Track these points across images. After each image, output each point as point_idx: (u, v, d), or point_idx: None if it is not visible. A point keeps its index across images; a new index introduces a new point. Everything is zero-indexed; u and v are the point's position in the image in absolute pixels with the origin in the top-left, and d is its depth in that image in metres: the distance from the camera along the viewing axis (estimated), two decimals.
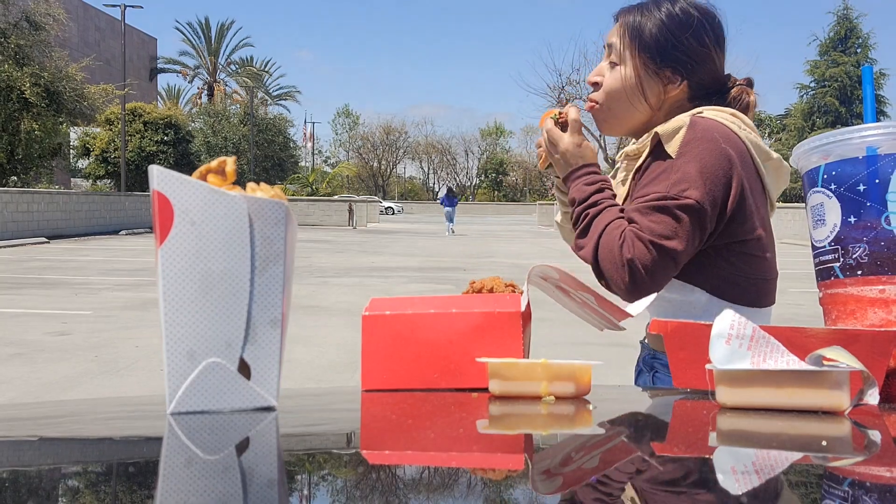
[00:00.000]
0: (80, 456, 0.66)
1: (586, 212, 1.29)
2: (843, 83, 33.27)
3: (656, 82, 1.35)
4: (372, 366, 0.87)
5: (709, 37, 1.35)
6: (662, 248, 1.19)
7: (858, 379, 0.75)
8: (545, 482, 0.56)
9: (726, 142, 1.24)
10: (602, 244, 1.23)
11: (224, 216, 0.69)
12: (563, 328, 5.61)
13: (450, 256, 16.19)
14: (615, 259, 1.21)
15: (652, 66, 1.35)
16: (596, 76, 1.41)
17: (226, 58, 56.71)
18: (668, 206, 1.20)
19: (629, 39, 1.36)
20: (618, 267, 1.20)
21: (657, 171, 1.25)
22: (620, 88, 1.37)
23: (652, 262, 1.19)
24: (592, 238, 1.26)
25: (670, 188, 1.21)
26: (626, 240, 1.21)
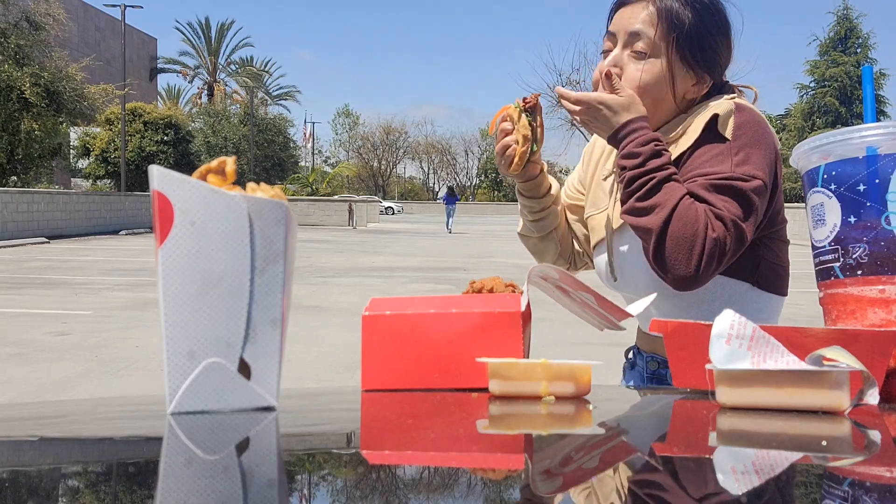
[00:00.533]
0: (80, 456, 0.66)
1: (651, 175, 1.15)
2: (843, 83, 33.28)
3: (688, 79, 1.27)
4: (372, 366, 0.87)
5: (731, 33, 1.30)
6: (740, 229, 1.13)
7: (858, 379, 0.75)
8: (545, 482, 0.56)
9: (767, 128, 1.22)
10: (678, 216, 1.11)
11: (224, 216, 0.69)
12: (563, 328, 5.60)
13: (450, 256, 16.19)
14: (694, 235, 1.10)
15: (690, 63, 1.25)
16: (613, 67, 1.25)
17: (226, 58, 56.74)
18: (737, 186, 1.14)
19: (666, 30, 1.23)
20: (695, 244, 1.10)
21: (714, 152, 1.18)
22: (652, 82, 1.24)
23: (731, 244, 1.12)
24: (664, 207, 1.13)
25: (734, 169, 1.15)
26: (708, 217, 1.12)
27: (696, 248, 1.11)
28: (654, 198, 1.15)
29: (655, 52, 1.24)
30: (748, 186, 1.14)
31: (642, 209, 1.15)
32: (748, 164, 1.16)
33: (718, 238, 1.11)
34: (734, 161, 1.16)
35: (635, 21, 1.24)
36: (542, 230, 1.44)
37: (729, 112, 1.21)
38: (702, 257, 1.11)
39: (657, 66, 1.24)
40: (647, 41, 1.23)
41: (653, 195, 1.15)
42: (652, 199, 1.15)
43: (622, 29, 1.26)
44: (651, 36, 1.23)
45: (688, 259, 1.12)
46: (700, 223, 1.11)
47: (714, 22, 1.26)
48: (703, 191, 1.15)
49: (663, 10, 1.23)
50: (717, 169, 1.16)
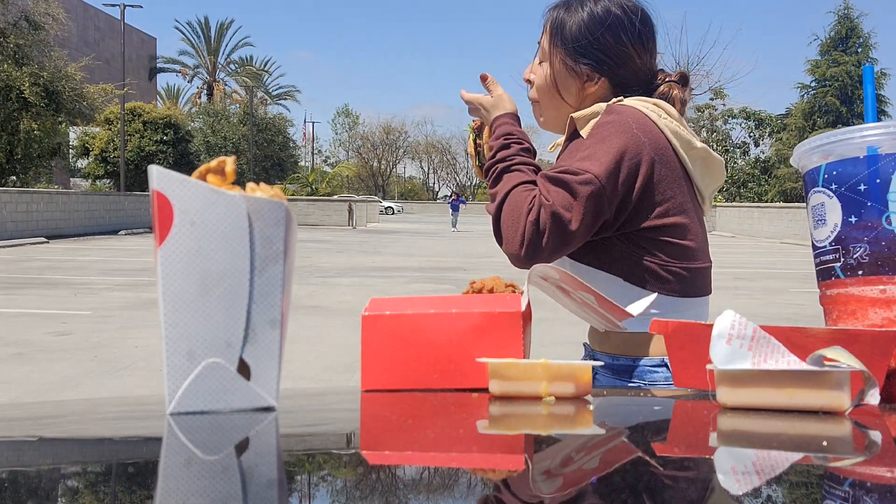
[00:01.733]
0: (80, 456, 0.66)
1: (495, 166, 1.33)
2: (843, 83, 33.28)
3: (575, 79, 1.40)
4: (372, 366, 0.87)
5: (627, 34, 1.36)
6: (559, 217, 1.21)
7: (859, 379, 0.75)
8: (545, 482, 0.56)
9: (639, 127, 1.26)
10: (508, 201, 1.27)
11: (224, 216, 0.69)
12: (563, 328, 5.60)
13: (450, 256, 16.19)
14: (517, 219, 1.24)
15: (570, 63, 1.39)
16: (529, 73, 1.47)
17: (225, 57, 56.75)
18: (568, 179, 1.22)
19: (550, 36, 1.41)
20: (518, 226, 1.23)
21: (569, 150, 1.31)
22: (545, 85, 1.43)
23: (550, 229, 1.21)
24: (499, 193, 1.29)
25: (573, 163, 1.25)
26: (532, 203, 1.24)
27: (518, 230, 1.24)
28: (497, 186, 1.31)
29: (546, 57, 1.43)
30: (576, 179, 1.22)
31: (491, 196, 1.32)
32: (587, 160, 1.24)
33: (537, 221, 1.22)
34: (577, 157, 1.26)
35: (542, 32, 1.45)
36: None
37: (593, 114, 1.32)
38: (523, 238, 1.23)
39: (547, 70, 1.43)
40: (541, 49, 1.44)
41: (497, 184, 1.31)
42: (496, 187, 1.31)
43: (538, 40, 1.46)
44: (543, 44, 1.43)
45: (512, 239, 1.25)
46: (523, 208, 1.24)
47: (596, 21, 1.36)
48: (541, 180, 1.27)
49: (549, 21, 1.42)
50: (560, 163, 1.28)
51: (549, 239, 1.21)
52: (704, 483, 0.56)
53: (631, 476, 0.58)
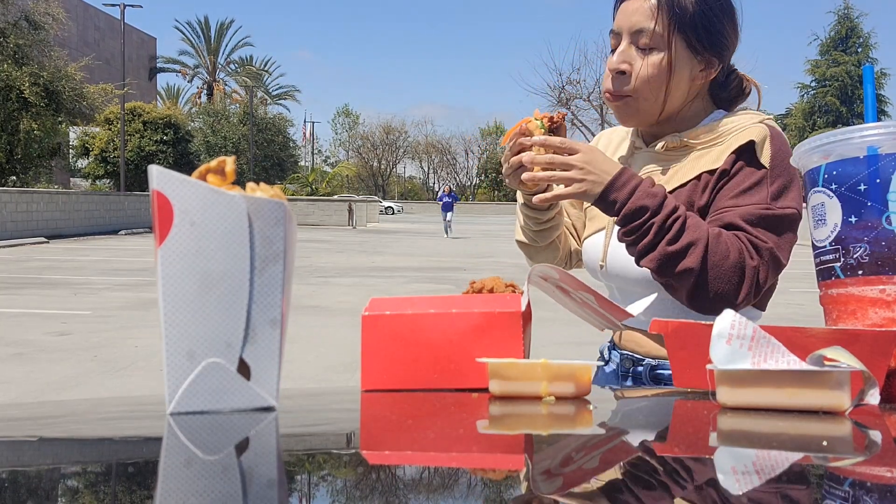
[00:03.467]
0: (80, 456, 0.66)
1: (674, 217, 1.14)
2: (843, 83, 33.29)
3: (697, 66, 1.26)
4: (372, 366, 0.87)
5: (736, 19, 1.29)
6: (777, 259, 1.16)
7: (859, 379, 0.75)
8: (545, 482, 0.56)
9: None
10: (713, 250, 1.12)
11: (224, 216, 0.69)
12: (563, 328, 5.60)
13: (450, 256, 16.19)
14: (733, 266, 1.12)
15: (697, 49, 1.24)
16: (622, 64, 1.25)
17: (225, 57, 56.76)
18: (775, 216, 1.17)
19: (669, 20, 1.22)
20: (735, 274, 1.12)
21: (751, 181, 1.19)
22: (654, 75, 1.23)
23: (768, 271, 1.15)
24: (698, 244, 1.12)
25: (771, 200, 1.18)
26: (745, 247, 1.14)
27: (736, 279, 1.12)
28: (684, 237, 1.13)
29: (659, 44, 1.23)
30: (785, 217, 1.17)
31: (676, 252, 1.13)
32: (785, 196, 1.18)
33: (757, 267, 1.13)
34: (771, 192, 1.18)
35: (637, 17, 1.24)
36: (545, 240, 1.40)
37: (764, 138, 1.21)
38: (742, 287, 1.13)
39: (665, 59, 1.23)
40: (649, 34, 1.23)
41: (682, 234, 1.13)
42: (683, 238, 1.13)
43: (625, 26, 1.25)
44: (652, 28, 1.22)
45: (733, 291, 1.12)
46: (735, 253, 1.12)
47: (717, 5, 1.25)
48: (741, 221, 1.16)
49: (663, 2, 1.22)
50: (754, 199, 1.18)
51: (767, 280, 1.16)
52: (704, 483, 0.56)
53: (631, 476, 0.58)
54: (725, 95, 1.31)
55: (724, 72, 1.29)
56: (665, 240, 1.13)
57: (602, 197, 1.15)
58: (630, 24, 1.24)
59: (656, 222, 1.13)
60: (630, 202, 1.14)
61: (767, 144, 1.21)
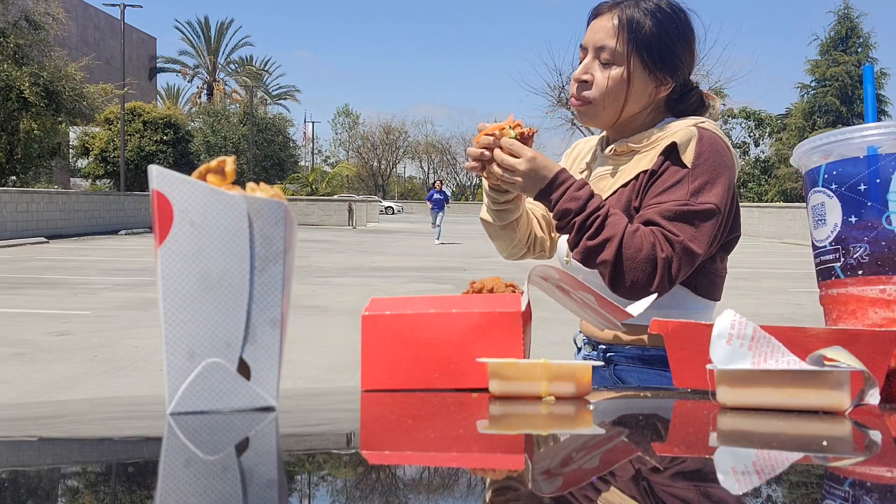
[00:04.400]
0: (80, 456, 0.66)
1: (594, 215, 1.27)
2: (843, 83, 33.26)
3: (651, 82, 1.39)
4: (372, 366, 0.87)
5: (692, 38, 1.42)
6: (690, 251, 1.25)
7: (859, 379, 0.75)
8: (545, 482, 0.56)
9: (726, 154, 1.34)
10: (627, 244, 1.24)
11: (223, 216, 0.69)
12: (563, 328, 5.61)
13: (450, 256, 16.20)
14: (645, 258, 1.22)
15: (650, 67, 1.37)
16: (585, 74, 1.41)
17: (225, 57, 56.76)
18: (692, 211, 1.27)
19: (627, 40, 1.36)
20: (647, 266, 1.22)
21: (674, 179, 1.30)
22: (613, 87, 1.37)
23: (680, 263, 1.24)
24: (613, 239, 1.24)
25: (690, 196, 1.28)
26: (657, 240, 1.24)
27: (649, 269, 1.23)
28: (602, 233, 1.26)
29: (618, 60, 1.37)
30: (699, 210, 1.27)
31: (594, 246, 1.26)
32: (705, 193, 1.29)
33: (668, 258, 1.23)
34: (691, 189, 1.29)
35: (601, 35, 1.38)
36: (503, 220, 1.52)
37: (689, 139, 1.32)
38: (655, 276, 1.23)
39: (621, 73, 1.37)
40: (609, 51, 1.37)
41: (601, 231, 1.26)
42: (601, 235, 1.26)
43: (591, 42, 1.40)
44: (613, 46, 1.36)
45: (646, 280, 1.23)
46: (646, 246, 1.23)
47: (674, 29, 1.38)
48: (658, 217, 1.27)
49: (624, 21, 1.36)
50: (673, 196, 1.29)
51: (679, 270, 1.25)
52: (704, 483, 0.56)
53: (631, 476, 0.58)
54: (684, 108, 1.44)
55: (679, 88, 1.42)
56: (586, 235, 1.27)
57: (539, 196, 1.32)
58: (595, 40, 1.39)
59: (577, 221, 1.28)
60: (559, 204, 1.30)
61: (692, 145, 1.31)
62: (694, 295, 1.39)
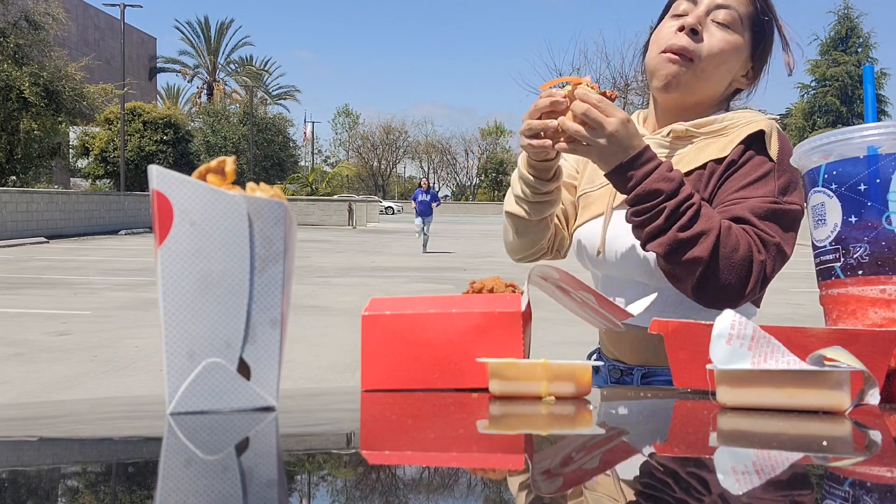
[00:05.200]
0: (80, 456, 0.66)
1: (688, 203, 1.10)
2: (843, 83, 33.27)
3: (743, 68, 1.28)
4: (372, 366, 0.87)
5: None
6: (784, 254, 1.16)
7: (859, 379, 0.75)
8: (545, 482, 0.56)
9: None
10: (723, 241, 1.10)
11: (223, 216, 0.69)
12: (563, 328, 5.60)
13: (450, 256, 16.19)
14: (742, 259, 1.10)
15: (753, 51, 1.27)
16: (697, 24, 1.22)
17: (225, 57, 56.78)
18: (783, 210, 1.16)
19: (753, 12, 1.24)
20: (743, 268, 1.10)
21: (759, 172, 1.19)
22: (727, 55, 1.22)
23: (775, 266, 1.14)
24: (710, 234, 1.09)
25: (778, 194, 1.17)
26: (753, 241, 1.12)
27: (744, 273, 1.11)
28: (696, 225, 1.10)
29: (737, 28, 1.23)
30: (790, 212, 1.17)
31: (686, 239, 1.10)
32: (791, 192, 1.18)
33: (765, 261, 1.12)
34: (778, 185, 1.18)
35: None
36: (539, 213, 1.31)
37: (773, 130, 1.21)
38: (749, 281, 1.11)
39: (738, 42, 1.23)
40: (733, 15, 1.23)
41: (695, 223, 1.10)
42: (695, 226, 1.10)
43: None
44: (741, 12, 1.23)
45: (740, 284, 1.11)
46: (744, 246, 1.11)
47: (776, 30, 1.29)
48: (749, 214, 1.15)
49: None
50: (761, 192, 1.17)
51: (772, 274, 1.15)
52: (704, 483, 0.56)
53: (631, 476, 0.58)
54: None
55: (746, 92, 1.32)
56: (677, 225, 1.10)
57: (617, 170, 1.12)
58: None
59: (669, 206, 1.10)
60: (646, 182, 1.10)
61: (776, 137, 1.21)
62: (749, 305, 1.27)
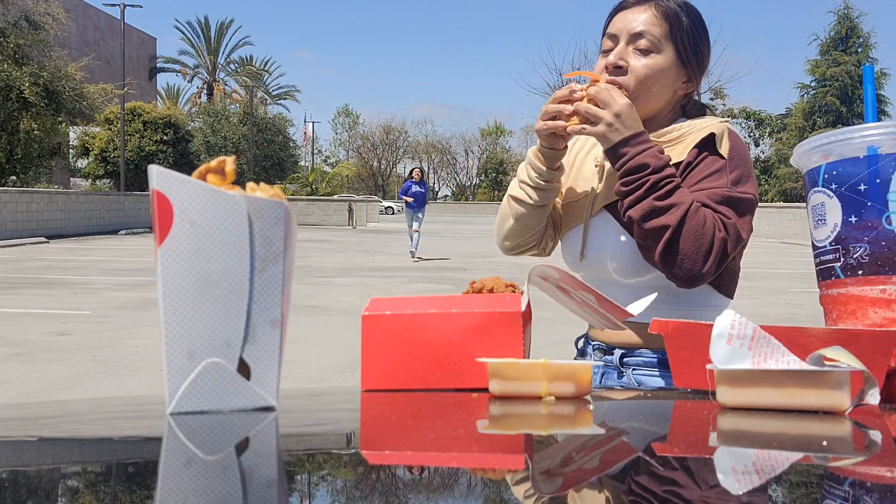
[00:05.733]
0: (80, 456, 0.66)
1: (669, 179, 1.25)
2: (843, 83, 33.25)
3: (680, 77, 1.38)
4: (372, 366, 0.87)
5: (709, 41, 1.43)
6: (740, 236, 1.27)
7: (859, 379, 0.75)
8: (545, 482, 0.56)
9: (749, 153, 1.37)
10: (692, 215, 1.22)
11: (223, 216, 0.69)
12: (563, 328, 5.61)
13: (450, 256, 16.19)
14: (706, 234, 1.22)
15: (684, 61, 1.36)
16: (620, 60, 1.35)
17: (225, 57, 56.77)
18: (737, 198, 1.28)
19: (669, 29, 1.34)
20: (706, 242, 1.22)
21: (712, 168, 1.31)
22: (654, 77, 1.34)
23: (732, 246, 1.25)
24: (680, 206, 1.23)
25: (731, 185, 1.29)
26: (716, 221, 1.24)
27: (706, 246, 1.22)
28: (671, 198, 1.24)
29: (658, 48, 1.34)
30: (745, 199, 1.29)
31: (660, 208, 1.24)
32: (742, 183, 1.31)
33: (725, 239, 1.23)
34: (730, 178, 1.30)
35: (637, 23, 1.35)
36: (542, 199, 1.44)
37: (723, 132, 1.34)
38: (710, 255, 1.22)
39: (660, 62, 1.34)
40: (650, 39, 1.34)
41: (671, 196, 1.24)
42: (670, 199, 1.24)
43: (625, 29, 1.36)
44: (655, 34, 1.34)
45: (702, 256, 1.22)
46: (710, 224, 1.23)
47: (702, 28, 1.39)
48: (707, 200, 1.27)
49: (667, 12, 1.35)
50: (716, 184, 1.30)
51: (730, 254, 1.25)
52: (704, 483, 0.56)
53: (631, 476, 0.58)
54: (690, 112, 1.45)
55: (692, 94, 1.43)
56: (654, 195, 1.25)
57: (617, 145, 1.28)
58: (630, 27, 1.35)
59: (651, 179, 1.25)
60: (637, 157, 1.26)
61: (726, 137, 1.33)
62: (716, 292, 1.38)
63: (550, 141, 1.37)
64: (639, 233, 1.28)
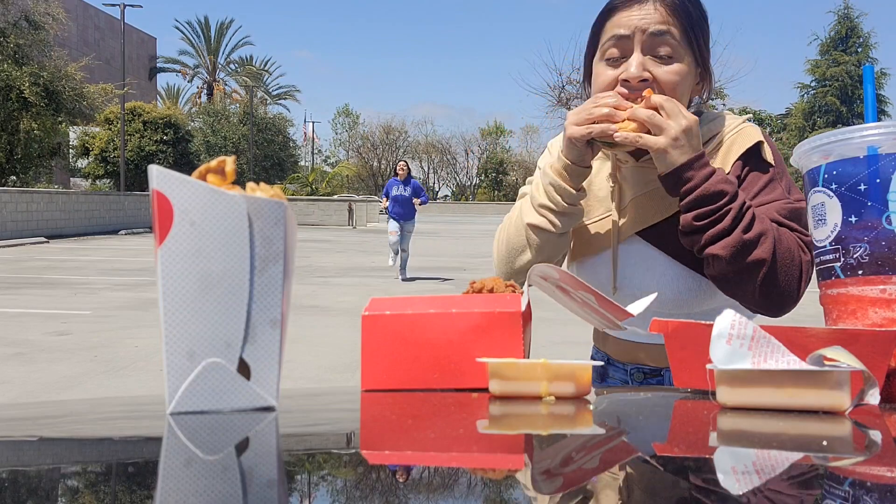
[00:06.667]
0: (80, 456, 0.66)
1: (748, 205, 1.11)
2: (843, 83, 33.26)
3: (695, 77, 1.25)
4: (371, 366, 0.87)
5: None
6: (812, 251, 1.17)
7: (859, 379, 0.75)
8: (545, 482, 0.56)
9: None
10: (779, 241, 1.10)
11: (223, 216, 0.69)
12: (563, 328, 5.60)
13: (450, 256, 16.19)
14: (794, 260, 1.10)
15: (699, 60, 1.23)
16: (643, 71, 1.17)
17: (225, 57, 56.79)
18: (799, 209, 1.16)
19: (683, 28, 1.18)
20: (797, 268, 1.11)
21: (764, 179, 1.20)
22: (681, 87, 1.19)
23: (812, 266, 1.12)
24: (768, 234, 1.09)
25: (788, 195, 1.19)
26: (797, 242, 1.12)
27: (797, 273, 1.11)
28: (756, 227, 1.10)
29: (678, 53, 1.18)
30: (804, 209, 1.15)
31: (751, 241, 1.09)
32: (794, 190, 1.20)
33: (811, 261, 1.11)
34: (783, 188, 1.20)
35: (651, 22, 1.17)
36: (567, 226, 1.26)
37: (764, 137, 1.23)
38: (801, 281, 1.11)
39: (683, 69, 1.19)
40: (671, 43, 1.17)
41: (754, 225, 1.10)
42: (756, 228, 1.10)
43: (637, 33, 1.17)
44: (673, 34, 1.17)
45: (796, 285, 1.11)
46: (794, 247, 1.11)
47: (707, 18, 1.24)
48: (778, 216, 1.15)
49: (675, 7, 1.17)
50: (773, 196, 1.18)
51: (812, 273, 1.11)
52: (704, 483, 0.56)
53: (631, 476, 0.58)
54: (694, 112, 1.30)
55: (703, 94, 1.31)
56: (741, 227, 1.09)
57: (680, 168, 1.10)
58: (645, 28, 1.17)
59: (734, 207, 1.09)
60: (709, 183, 1.09)
61: (767, 143, 1.23)
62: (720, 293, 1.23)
63: (581, 153, 1.18)
64: (724, 269, 1.12)
